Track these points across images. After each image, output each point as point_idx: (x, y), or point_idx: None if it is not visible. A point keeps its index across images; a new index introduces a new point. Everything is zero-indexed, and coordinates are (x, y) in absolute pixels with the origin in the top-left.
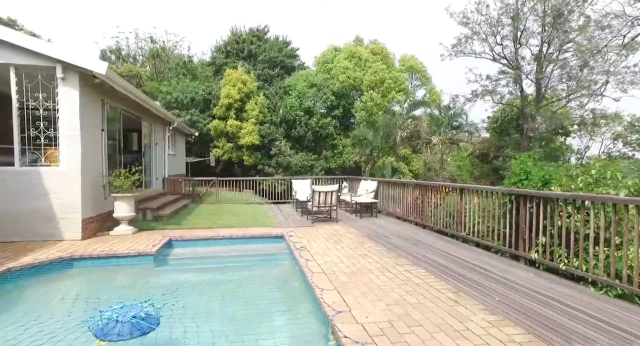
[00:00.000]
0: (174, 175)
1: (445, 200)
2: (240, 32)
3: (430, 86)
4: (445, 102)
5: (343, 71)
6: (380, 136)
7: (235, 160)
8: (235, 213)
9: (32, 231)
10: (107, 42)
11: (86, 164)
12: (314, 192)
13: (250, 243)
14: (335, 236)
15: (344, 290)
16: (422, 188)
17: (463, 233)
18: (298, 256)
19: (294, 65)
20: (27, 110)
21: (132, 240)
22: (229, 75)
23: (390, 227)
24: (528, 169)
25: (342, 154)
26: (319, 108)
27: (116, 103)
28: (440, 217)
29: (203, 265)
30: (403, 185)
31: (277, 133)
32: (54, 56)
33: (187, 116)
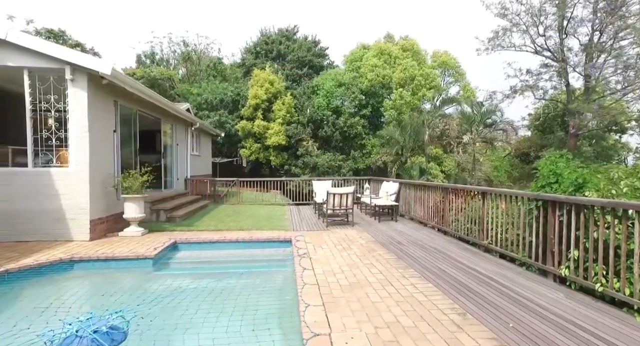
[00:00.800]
0: (198, 175)
1: (470, 204)
2: (270, 33)
3: (465, 82)
4: (481, 99)
5: (371, 69)
6: (407, 135)
7: (262, 161)
8: (252, 214)
9: (44, 231)
10: (142, 47)
11: (95, 165)
12: (328, 194)
13: (256, 248)
14: (345, 241)
15: (333, 306)
16: (443, 191)
17: (485, 242)
18: (297, 264)
19: (323, 65)
20: (39, 112)
21: (137, 242)
22: (256, 75)
23: (408, 232)
24: (558, 171)
25: (370, 154)
26: (347, 108)
27: (132, 104)
28: (462, 222)
29: (202, 271)
30: (424, 188)
31: (303, 134)
32: (63, 58)
33: (216, 117)
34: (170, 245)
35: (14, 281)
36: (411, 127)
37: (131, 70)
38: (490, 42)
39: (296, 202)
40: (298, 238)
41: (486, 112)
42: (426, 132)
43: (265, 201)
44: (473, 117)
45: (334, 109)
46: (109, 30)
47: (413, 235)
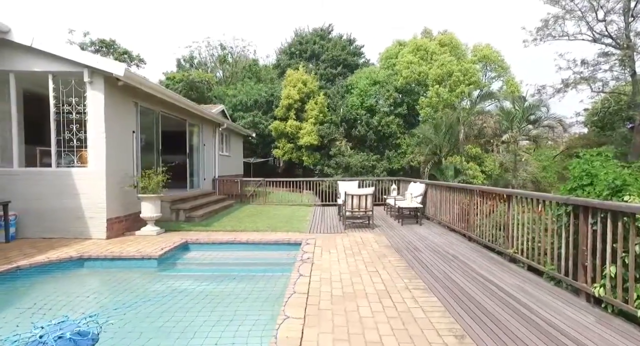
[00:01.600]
0: (227, 175)
1: (496, 208)
2: (304, 33)
3: (508, 77)
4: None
5: (407, 66)
6: (441, 134)
7: (295, 161)
8: (273, 215)
9: (66, 229)
10: (182, 51)
11: (112, 165)
12: (346, 195)
13: (265, 250)
14: (357, 246)
15: (314, 320)
16: (468, 193)
17: (510, 251)
18: (295, 269)
19: (358, 63)
20: (62, 114)
21: (149, 242)
22: (289, 76)
23: (430, 237)
24: (593, 171)
25: (405, 154)
26: (382, 107)
27: (154, 106)
28: (487, 228)
29: (205, 272)
30: (450, 189)
31: (336, 133)
32: (81, 61)
33: (249, 118)
34: (181, 245)
35: (24, 277)
36: (445, 125)
37: (172, 74)
38: (539, 32)
39: (326, 202)
40: (309, 241)
41: (529, 108)
42: (461, 130)
43: (292, 201)
44: (514, 113)
45: (368, 108)
46: (153, 38)
47: (434, 241)
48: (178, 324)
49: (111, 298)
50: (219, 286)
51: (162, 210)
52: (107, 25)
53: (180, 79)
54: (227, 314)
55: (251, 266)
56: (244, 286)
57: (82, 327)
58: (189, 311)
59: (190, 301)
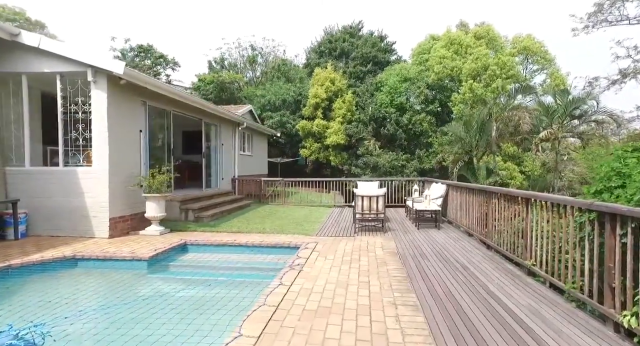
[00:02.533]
0: (248, 175)
1: (516, 212)
2: (334, 31)
3: (553, 69)
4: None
5: (439, 61)
6: (473, 131)
7: (322, 160)
8: (286, 216)
9: (72, 227)
10: (213, 53)
11: (116, 164)
12: (356, 197)
13: (262, 253)
14: (360, 251)
15: (269, 340)
16: (486, 195)
17: (529, 263)
18: (278, 277)
19: (389, 60)
20: (70, 114)
21: (147, 242)
22: (317, 74)
23: (444, 243)
24: (625, 170)
25: (437, 153)
26: (413, 104)
27: (165, 105)
28: (506, 235)
29: (194, 276)
30: (469, 191)
31: (364, 132)
32: (84, 61)
33: (277, 117)
34: (178, 246)
35: (15, 276)
36: (477, 121)
37: (203, 75)
38: (590, 18)
39: (351, 203)
40: (308, 245)
41: (572, 101)
42: (493, 126)
43: (312, 202)
44: (554, 108)
45: (398, 106)
46: (187, 41)
47: (447, 247)
48: (127, 333)
49: (84, 302)
50: (200, 292)
51: (171, 210)
52: (145, 31)
53: (211, 81)
54: (179, 327)
55: (242, 271)
56: (223, 293)
57: (20, 338)
58: (152, 319)
59: (161, 309)
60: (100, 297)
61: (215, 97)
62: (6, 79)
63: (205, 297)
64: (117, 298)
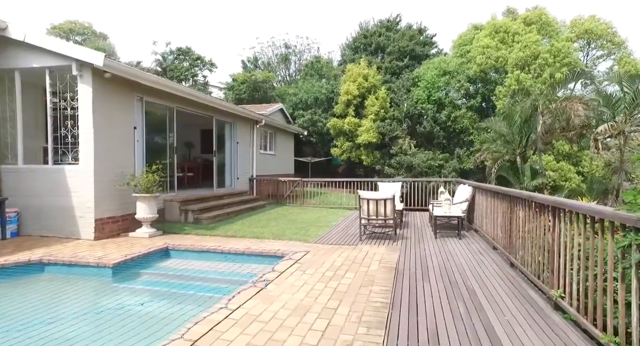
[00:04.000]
0: (270, 175)
1: (549, 226)
2: (369, 26)
3: (623, 53)
4: None
5: (482, 51)
6: (515, 126)
7: (354, 160)
8: (296, 219)
9: (60, 228)
10: (247, 53)
11: (104, 162)
12: (361, 200)
13: (245, 262)
14: (351, 265)
15: None
16: (510, 201)
17: (555, 293)
18: (226, 299)
19: (428, 54)
20: (59, 110)
21: (129, 245)
22: (349, 70)
23: (460, 257)
24: None
25: (477, 152)
26: (453, 99)
27: (167, 101)
28: (531, 252)
29: (159, 286)
30: (494, 195)
31: (398, 130)
32: (68, 54)
33: (308, 116)
34: (159, 250)
35: None
36: (520, 115)
37: (236, 75)
38: None
39: None
40: (294, 255)
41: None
42: (539, 120)
43: (332, 203)
44: (619, 97)
45: (436, 101)
46: (222, 42)
47: (460, 263)
48: None
49: (20, 317)
50: (148, 307)
51: (171, 211)
52: (184, 34)
53: (244, 80)
54: None
55: (213, 283)
56: (171, 311)
57: None
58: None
59: (93, 327)
60: (42, 311)
61: (249, 97)
62: (1, 76)
63: (148, 315)
64: (58, 312)
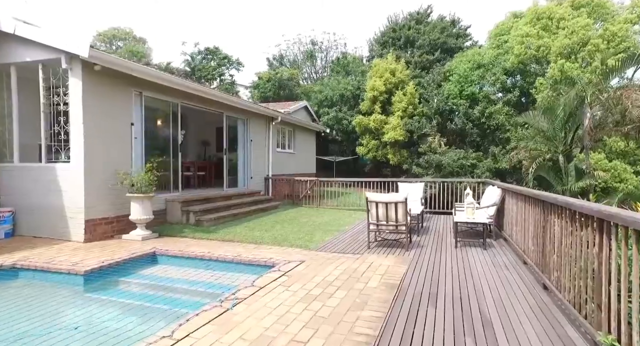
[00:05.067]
0: (288, 174)
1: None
2: (399, 19)
3: None
4: None
5: (521, 40)
6: (558, 120)
7: (380, 159)
8: (306, 222)
9: (52, 229)
10: (272, 50)
11: (95, 160)
12: (369, 203)
13: (232, 271)
14: (347, 280)
15: None
16: (543, 208)
17: (605, 339)
18: (166, 330)
19: (462, 46)
20: (52, 106)
21: (116, 249)
22: (375, 65)
23: (480, 274)
24: None
25: (514, 150)
26: (488, 94)
27: (170, 96)
28: (570, 275)
29: (128, 298)
30: (525, 199)
31: (427, 127)
32: (56, 46)
33: (332, 113)
34: (145, 256)
35: None
36: (564, 107)
37: (261, 73)
38: None
39: None
40: (285, 266)
41: None
42: (587, 113)
43: (351, 204)
44: None
45: (469, 96)
46: (250, 41)
47: (480, 282)
48: None
49: None
50: (112, 321)
51: (173, 212)
52: (212, 34)
53: (269, 78)
54: None
55: (189, 295)
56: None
57: None
58: None
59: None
60: None
61: (274, 95)
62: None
63: (96, 334)
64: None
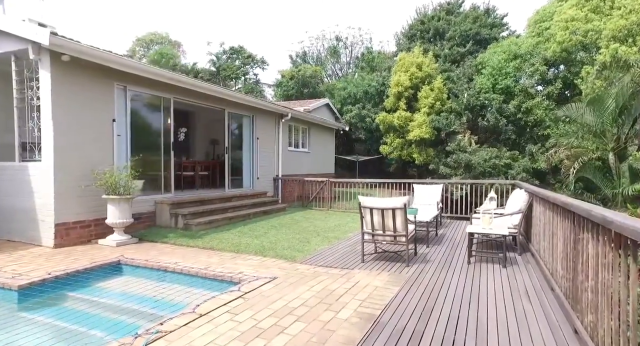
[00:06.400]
0: (301, 174)
1: None
2: (428, 11)
3: None
4: None
5: (565, 26)
6: (607, 113)
7: (405, 158)
8: (307, 227)
9: (23, 232)
10: (295, 47)
11: (67, 159)
12: (362, 208)
13: (193, 286)
14: (312, 307)
15: None
16: (575, 223)
17: None
18: None
19: (496, 37)
20: (27, 101)
21: (76, 257)
22: (401, 59)
23: (491, 305)
24: None
25: (551, 148)
26: (525, 87)
27: (160, 91)
28: (613, 322)
29: (63, 320)
30: (553, 208)
31: (455, 124)
32: (18, 33)
33: (355, 110)
34: (106, 265)
35: None
36: (615, 97)
37: (284, 71)
38: None
39: None
40: (250, 284)
41: None
42: None
43: None
44: None
45: (503, 90)
46: (275, 39)
47: (489, 317)
48: None
49: None
50: None
51: (161, 214)
52: (237, 33)
53: (292, 76)
54: None
55: (133, 317)
56: None
57: None
58: None
59: None
60: None
61: (297, 93)
62: None
63: None
64: None
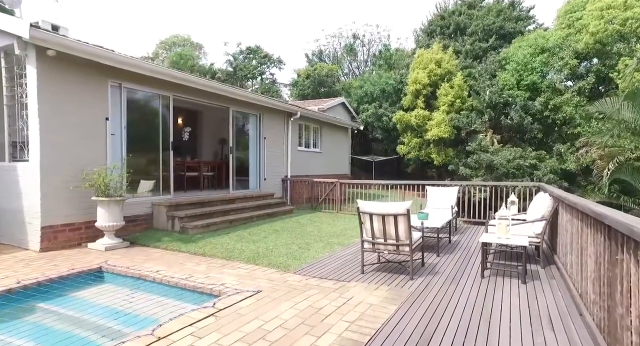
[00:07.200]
0: (312, 175)
1: None
2: (447, 6)
3: None
4: None
5: (599, 15)
6: None
7: (423, 158)
8: (308, 232)
9: (11, 235)
10: (311, 46)
11: (55, 158)
12: (361, 214)
13: (169, 297)
14: (292, 329)
15: None
16: (611, 238)
17: None
18: None
19: (522, 30)
20: (17, 98)
21: (57, 262)
22: (419, 56)
23: (505, 331)
24: None
25: (583, 147)
26: (553, 82)
27: (159, 89)
28: None
29: (20, 337)
30: (582, 217)
31: (476, 123)
32: (3, 28)
33: (371, 109)
34: (86, 272)
35: None
36: None
37: (301, 70)
38: None
39: None
40: (229, 298)
41: None
42: None
43: None
44: None
45: (528, 86)
46: (291, 39)
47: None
48: None
49: None
50: None
51: (158, 217)
52: (254, 33)
53: (308, 75)
54: None
55: (96, 334)
56: None
57: None
58: None
59: None
60: None
61: (313, 92)
62: None
63: None
64: None
